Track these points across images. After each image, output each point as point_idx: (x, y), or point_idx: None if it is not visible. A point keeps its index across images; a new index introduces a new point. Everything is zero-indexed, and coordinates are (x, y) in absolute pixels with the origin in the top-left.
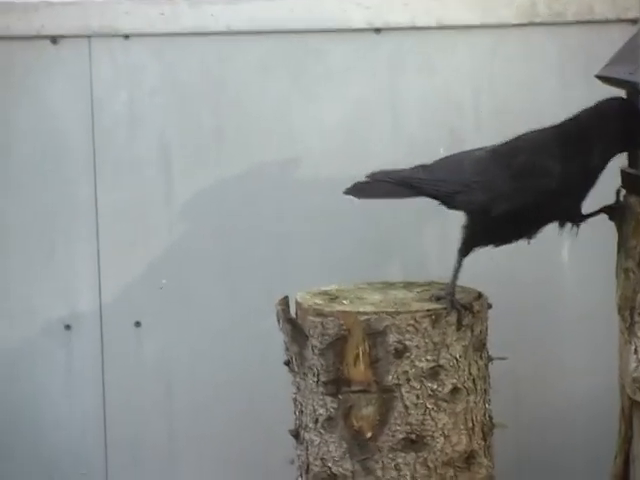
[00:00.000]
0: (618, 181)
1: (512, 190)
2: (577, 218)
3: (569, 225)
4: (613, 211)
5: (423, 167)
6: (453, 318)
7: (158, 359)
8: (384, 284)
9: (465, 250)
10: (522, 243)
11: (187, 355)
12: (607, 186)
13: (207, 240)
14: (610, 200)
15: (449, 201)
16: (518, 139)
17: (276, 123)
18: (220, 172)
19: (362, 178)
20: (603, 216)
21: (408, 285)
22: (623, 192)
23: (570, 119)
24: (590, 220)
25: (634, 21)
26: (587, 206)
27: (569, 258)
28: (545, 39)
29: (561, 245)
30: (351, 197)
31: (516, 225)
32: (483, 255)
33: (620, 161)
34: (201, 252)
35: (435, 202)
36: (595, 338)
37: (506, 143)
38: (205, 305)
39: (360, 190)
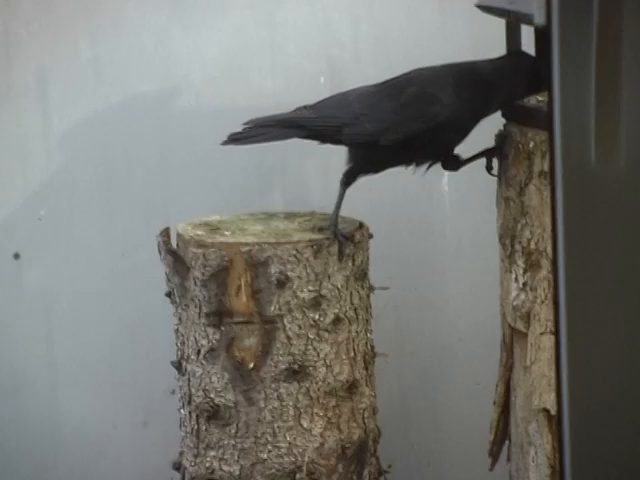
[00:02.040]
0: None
1: (401, 119)
2: (459, 161)
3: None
4: (495, 141)
5: (306, 107)
6: (335, 248)
7: (38, 291)
8: (266, 215)
9: (348, 181)
10: (404, 175)
11: (67, 288)
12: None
13: (86, 170)
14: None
15: (336, 136)
16: (409, 74)
17: (155, 52)
18: (98, 103)
19: (241, 113)
20: (484, 144)
21: (290, 216)
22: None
23: (475, 62)
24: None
25: None
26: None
27: (449, 188)
28: None
29: (441, 174)
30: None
31: (400, 156)
32: (363, 186)
33: None
34: (80, 183)
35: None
36: (476, 266)
37: (396, 78)
38: (85, 236)
39: (240, 139)
